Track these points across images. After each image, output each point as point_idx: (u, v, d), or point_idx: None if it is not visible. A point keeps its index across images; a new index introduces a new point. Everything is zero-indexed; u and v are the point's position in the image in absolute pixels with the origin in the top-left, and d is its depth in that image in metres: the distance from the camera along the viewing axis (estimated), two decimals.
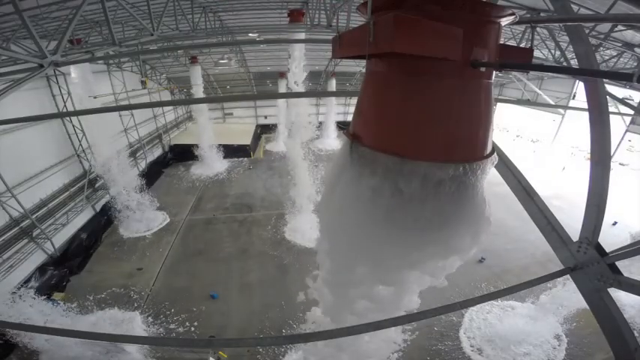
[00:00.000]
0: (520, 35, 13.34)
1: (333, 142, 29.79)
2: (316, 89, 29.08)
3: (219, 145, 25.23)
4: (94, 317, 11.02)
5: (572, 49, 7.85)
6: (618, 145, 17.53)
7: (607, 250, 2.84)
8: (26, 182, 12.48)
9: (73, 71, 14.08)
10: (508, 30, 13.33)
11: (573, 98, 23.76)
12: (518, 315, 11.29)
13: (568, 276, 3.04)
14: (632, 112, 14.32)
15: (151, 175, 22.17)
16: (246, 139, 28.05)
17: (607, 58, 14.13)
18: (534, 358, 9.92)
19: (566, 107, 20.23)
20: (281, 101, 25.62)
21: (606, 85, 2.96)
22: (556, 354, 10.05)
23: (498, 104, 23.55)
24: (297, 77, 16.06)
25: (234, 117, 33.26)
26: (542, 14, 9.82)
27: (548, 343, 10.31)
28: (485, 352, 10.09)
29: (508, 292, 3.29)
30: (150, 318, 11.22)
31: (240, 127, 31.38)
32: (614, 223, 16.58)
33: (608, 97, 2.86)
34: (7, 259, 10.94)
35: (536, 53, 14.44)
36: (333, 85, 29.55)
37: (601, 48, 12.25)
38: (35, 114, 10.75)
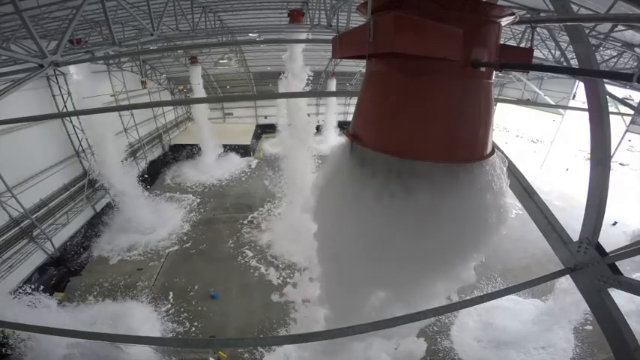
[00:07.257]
0: (520, 35, 13.31)
1: (333, 142, 29.75)
2: (316, 89, 29.02)
3: (219, 144, 25.25)
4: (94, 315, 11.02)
5: (572, 49, 7.84)
6: (618, 145, 17.47)
7: (607, 250, 2.84)
8: (26, 182, 12.46)
9: (74, 71, 14.08)
10: (508, 30, 13.30)
11: (573, 98, 23.70)
12: (518, 314, 11.29)
13: (568, 276, 3.04)
14: (632, 112, 14.28)
15: (151, 175, 22.16)
16: (246, 139, 28.04)
17: (607, 58, 14.10)
18: (538, 358, 9.92)
19: (566, 107, 20.20)
20: (281, 101, 25.55)
21: (606, 85, 2.95)
22: (560, 353, 10.06)
23: (498, 104, 23.57)
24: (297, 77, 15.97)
25: (234, 117, 33.20)
26: (542, 14, 9.80)
27: (552, 342, 10.31)
28: (484, 352, 10.08)
29: (508, 292, 3.29)
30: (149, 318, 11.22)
31: (240, 127, 31.33)
32: (614, 223, 16.60)
33: (608, 97, 2.85)
34: (7, 259, 10.93)
35: (536, 53, 14.40)
36: (333, 85, 29.49)
37: (601, 48, 12.22)
38: (35, 114, 10.73)
